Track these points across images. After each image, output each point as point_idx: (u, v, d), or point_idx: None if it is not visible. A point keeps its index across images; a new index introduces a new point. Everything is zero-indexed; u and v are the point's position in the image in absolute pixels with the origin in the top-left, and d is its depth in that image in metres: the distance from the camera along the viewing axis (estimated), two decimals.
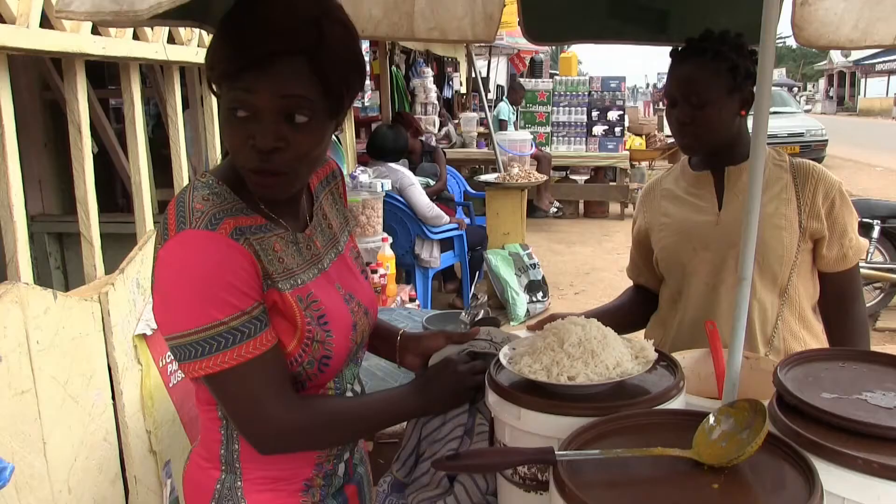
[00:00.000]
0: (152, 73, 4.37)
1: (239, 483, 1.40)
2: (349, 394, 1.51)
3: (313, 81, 1.23)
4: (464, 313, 2.08)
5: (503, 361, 1.42)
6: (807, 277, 2.07)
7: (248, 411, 1.29)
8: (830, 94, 49.43)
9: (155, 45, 3.06)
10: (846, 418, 1.16)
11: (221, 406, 1.33)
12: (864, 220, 6.40)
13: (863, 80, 46.08)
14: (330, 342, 1.37)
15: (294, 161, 1.26)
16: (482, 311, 2.07)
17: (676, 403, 1.34)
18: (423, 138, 7.68)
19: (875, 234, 6.44)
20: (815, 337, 2.10)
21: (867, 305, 6.47)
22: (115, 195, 5.16)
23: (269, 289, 1.31)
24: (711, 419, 1.17)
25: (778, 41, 1.44)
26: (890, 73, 42.73)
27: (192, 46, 3.36)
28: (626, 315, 2.27)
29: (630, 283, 2.39)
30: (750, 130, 2.05)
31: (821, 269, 2.08)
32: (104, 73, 5.03)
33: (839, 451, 1.08)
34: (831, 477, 1.06)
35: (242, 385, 1.27)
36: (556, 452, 1.11)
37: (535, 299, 6.65)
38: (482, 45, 12.42)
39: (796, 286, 2.04)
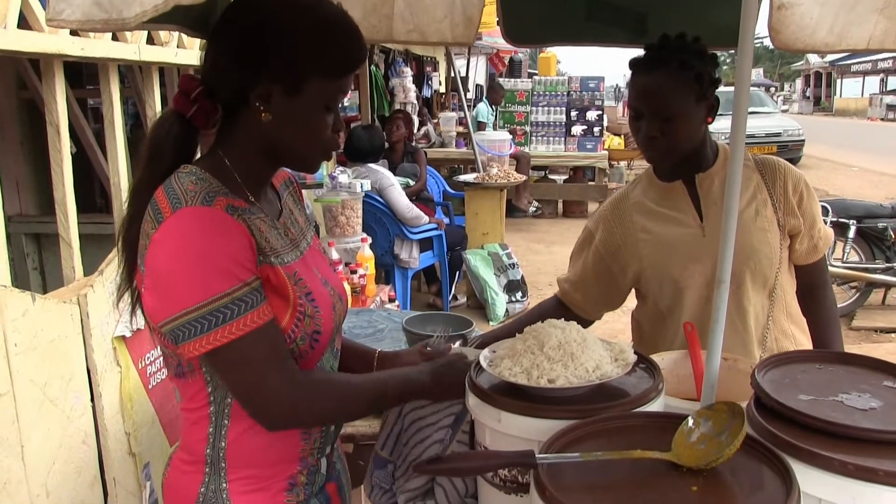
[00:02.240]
0: (131, 73, 4.34)
1: (224, 485, 1.40)
2: None
3: None
4: (433, 340, 2.15)
5: (483, 364, 1.43)
6: (788, 273, 2.09)
7: (253, 383, 1.30)
8: (807, 94, 49.89)
9: (133, 46, 3.04)
10: (822, 420, 1.17)
11: (226, 384, 1.34)
12: (841, 219, 6.48)
13: (839, 81, 46.56)
14: (319, 317, 1.41)
15: None
16: (449, 333, 2.22)
17: (656, 405, 1.36)
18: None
19: (851, 233, 6.50)
20: (803, 331, 2.12)
21: (844, 305, 6.58)
22: (93, 195, 5.11)
23: (262, 264, 1.34)
24: (690, 422, 1.19)
25: (756, 41, 1.46)
26: (865, 73, 43.23)
27: (172, 47, 3.34)
28: None
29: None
30: (717, 132, 2.08)
31: (793, 261, 2.10)
32: (82, 73, 4.98)
33: (816, 452, 1.09)
34: (808, 478, 1.07)
35: (246, 357, 1.28)
36: (536, 456, 1.12)
37: (514, 299, 6.67)
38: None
39: (782, 284, 2.06)
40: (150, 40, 3.21)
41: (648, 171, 2.17)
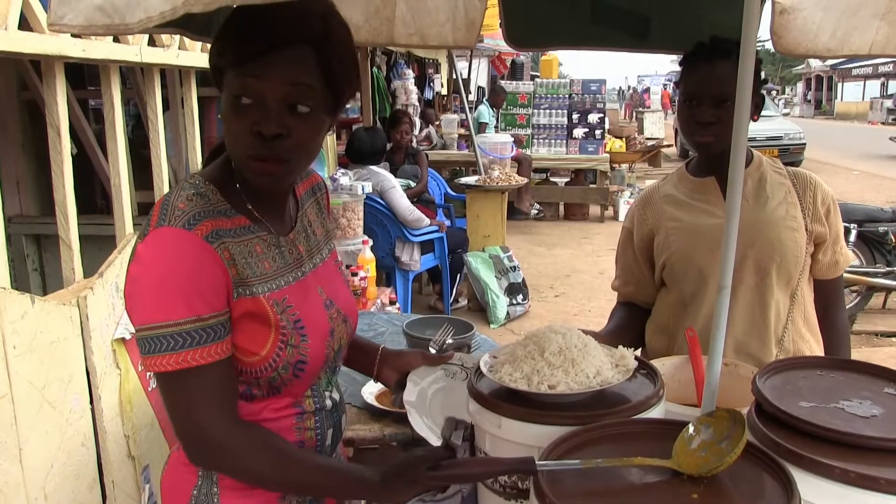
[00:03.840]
0: (133, 74, 4.34)
1: (215, 489, 1.39)
2: (328, 402, 1.51)
3: (318, 73, 1.28)
4: (432, 342, 2.18)
5: (484, 370, 1.42)
6: (808, 282, 2.12)
7: (182, 417, 1.29)
8: (808, 97, 49.89)
9: (135, 48, 3.04)
10: (824, 427, 1.17)
11: (165, 407, 1.32)
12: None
13: (840, 85, 46.59)
14: (305, 347, 1.38)
15: (293, 149, 1.29)
16: (449, 338, 2.23)
17: (656, 412, 1.35)
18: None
19: (852, 237, 6.49)
20: (818, 341, 2.14)
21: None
22: (94, 196, 5.11)
23: (240, 297, 1.31)
24: (691, 429, 1.18)
25: (757, 45, 1.45)
26: (866, 77, 43.28)
27: (173, 49, 3.34)
28: (634, 337, 2.25)
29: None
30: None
31: (813, 275, 2.12)
32: (83, 74, 4.98)
33: (817, 460, 1.09)
34: (809, 486, 1.07)
35: (182, 391, 1.27)
36: (536, 462, 1.12)
37: (515, 302, 6.66)
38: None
39: (803, 289, 2.08)
40: (152, 42, 3.21)
41: (680, 168, 2.22)
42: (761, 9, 2.14)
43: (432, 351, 2.08)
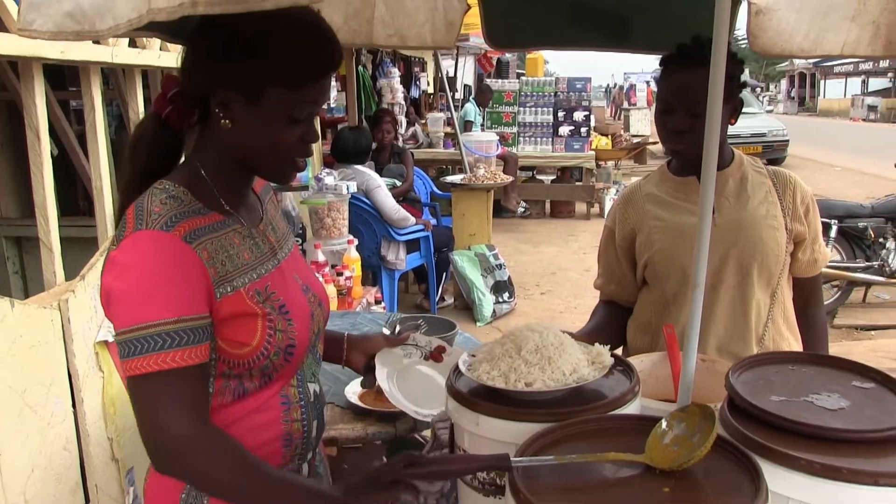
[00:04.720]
0: (114, 75, 4.32)
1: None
2: (311, 394, 1.52)
3: None
4: (385, 325, 2.40)
5: (462, 368, 1.44)
6: (787, 281, 2.14)
7: (148, 422, 1.26)
8: (792, 94, 50.17)
9: (115, 49, 3.03)
10: (792, 420, 1.19)
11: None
12: (823, 219, 6.50)
13: (822, 82, 46.88)
14: (292, 330, 1.41)
15: None
16: (398, 325, 2.45)
17: (632, 408, 1.37)
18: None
19: (832, 233, 6.56)
20: (797, 338, 2.16)
21: (826, 303, 6.62)
22: (76, 197, 5.09)
23: (223, 297, 1.32)
24: (664, 424, 1.20)
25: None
26: (847, 75, 43.60)
27: (154, 50, 3.33)
28: (615, 336, 2.26)
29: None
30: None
31: (793, 273, 2.14)
32: (64, 74, 4.96)
33: (784, 452, 1.11)
34: (777, 478, 1.09)
35: (150, 393, 1.25)
36: (511, 459, 1.13)
37: (501, 300, 6.68)
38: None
39: (782, 287, 2.11)
40: (133, 43, 3.20)
41: (662, 167, 2.22)
42: (737, 9, 2.18)
43: (387, 332, 2.21)
